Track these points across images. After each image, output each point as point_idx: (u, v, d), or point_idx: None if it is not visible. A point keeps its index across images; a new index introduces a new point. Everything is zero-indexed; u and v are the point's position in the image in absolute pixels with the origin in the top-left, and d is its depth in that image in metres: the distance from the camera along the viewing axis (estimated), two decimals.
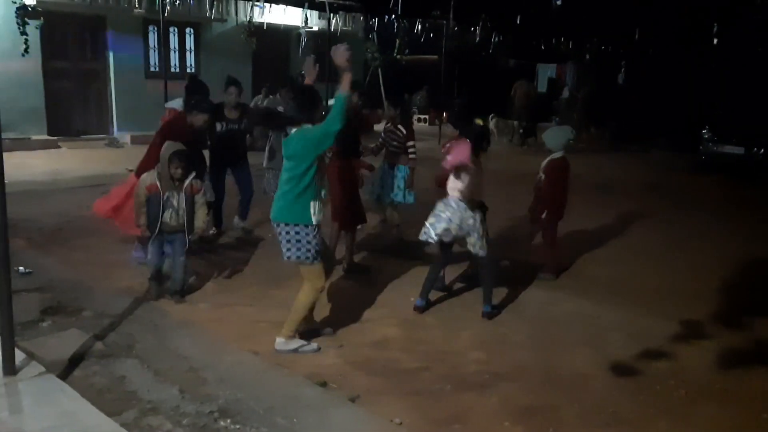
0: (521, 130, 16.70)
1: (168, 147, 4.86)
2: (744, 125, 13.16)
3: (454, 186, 4.84)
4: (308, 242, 4.14)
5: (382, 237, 7.21)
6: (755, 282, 6.30)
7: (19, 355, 3.69)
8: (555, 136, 5.94)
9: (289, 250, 4.18)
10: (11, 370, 3.56)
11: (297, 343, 4.32)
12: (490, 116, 16.83)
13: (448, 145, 5.30)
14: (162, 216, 4.88)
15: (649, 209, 9.20)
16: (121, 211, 5.80)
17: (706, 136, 13.44)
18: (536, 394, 3.90)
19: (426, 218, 4.94)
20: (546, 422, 3.58)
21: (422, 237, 4.93)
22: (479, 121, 5.05)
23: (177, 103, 6.28)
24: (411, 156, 6.64)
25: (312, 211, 4.12)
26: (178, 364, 4.01)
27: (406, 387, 3.90)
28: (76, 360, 3.96)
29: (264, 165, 7.83)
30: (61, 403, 3.35)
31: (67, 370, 3.82)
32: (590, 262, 6.68)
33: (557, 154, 5.82)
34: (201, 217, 5.12)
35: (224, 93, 6.67)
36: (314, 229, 4.16)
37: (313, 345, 4.36)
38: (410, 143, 6.65)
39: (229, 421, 3.39)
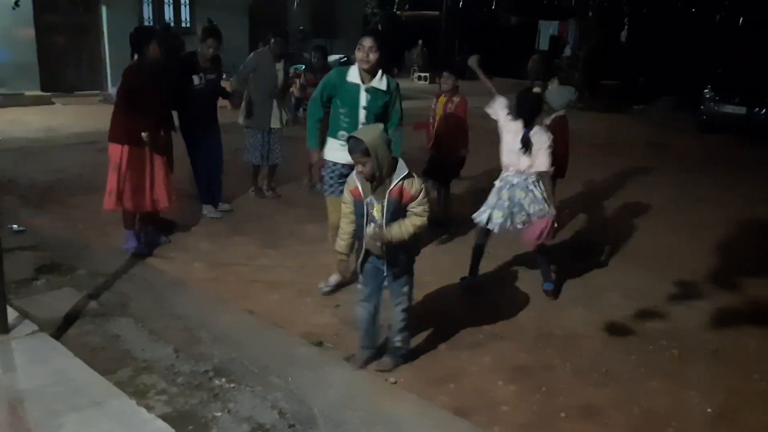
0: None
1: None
2: (746, 85, 13.00)
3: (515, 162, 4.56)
4: None
5: None
6: (753, 242, 6.30)
7: (12, 314, 3.70)
8: (558, 96, 5.87)
9: None
10: (4, 328, 3.57)
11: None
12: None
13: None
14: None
15: (650, 169, 9.15)
16: (124, 196, 5.04)
17: (708, 96, 13.29)
18: (530, 354, 3.92)
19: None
20: (539, 381, 3.60)
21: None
22: (537, 90, 4.82)
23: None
24: None
25: None
26: (172, 324, 4.01)
27: None
28: (69, 319, 3.96)
29: (241, 122, 6.84)
30: (54, 362, 3.36)
31: (60, 329, 3.82)
32: (588, 222, 6.65)
33: (560, 113, 5.77)
34: (412, 224, 3.30)
35: (201, 44, 5.93)
36: None
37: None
38: None
39: (223, 380, 3.40)
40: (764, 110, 12.38)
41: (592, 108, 14.56)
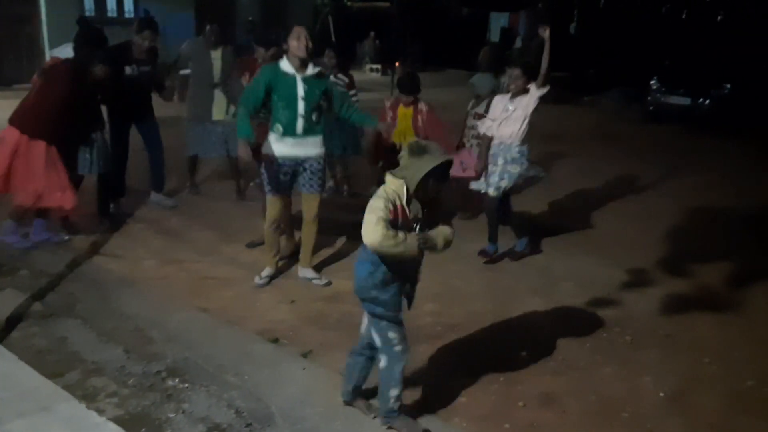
0: None
1: (429, 155, 2.69)
2: (690, 76, 13.37)
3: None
4: None
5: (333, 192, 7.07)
6: (702, 230, 6.45)
7: None
8: (483, 82, 6.06)
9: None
10: None
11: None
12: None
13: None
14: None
15: (599, 159, 9.32)
16: (12, 179, 4.77)
17: (654, 87, 13.61)
18: (488, 344, 3.94)
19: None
20: (497, 371, 3.61)
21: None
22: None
23: (66, 51, 5.28)
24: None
25: None
26: (122, 324, 3.89)
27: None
28: (12, 321, 3.80)
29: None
30: None
31: (3, 332, 3.66)
32: (540, 212, 6.72)
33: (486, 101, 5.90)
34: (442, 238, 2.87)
35: (137, 35, 5.76)
36: None
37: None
38: (352, 92, 6.54)
39: (177, 380, 3.31)
40: (708, 100, 12.76)
41: (542, 99, 14.73)
